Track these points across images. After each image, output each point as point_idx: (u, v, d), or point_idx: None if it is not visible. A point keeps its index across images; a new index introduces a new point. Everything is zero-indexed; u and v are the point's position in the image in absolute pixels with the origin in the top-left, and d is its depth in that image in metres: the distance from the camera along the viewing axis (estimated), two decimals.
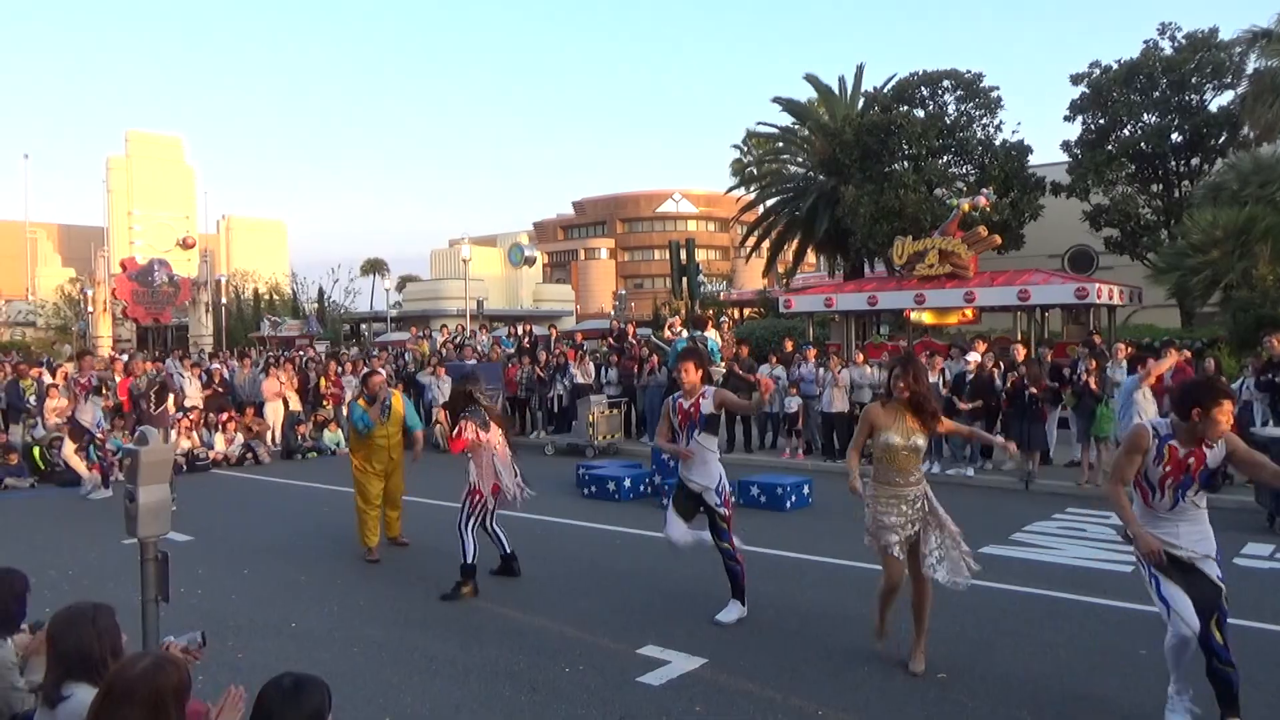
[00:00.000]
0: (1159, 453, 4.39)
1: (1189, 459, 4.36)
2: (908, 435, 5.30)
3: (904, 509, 5.33)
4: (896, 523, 5.31)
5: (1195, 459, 4.35)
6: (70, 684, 2.98)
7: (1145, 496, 4.48)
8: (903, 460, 5.31)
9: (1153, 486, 4.44)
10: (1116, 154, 24.05)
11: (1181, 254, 18.59)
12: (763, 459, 14.35)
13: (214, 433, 15.42)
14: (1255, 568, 7.89)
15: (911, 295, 19.71)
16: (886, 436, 5.30)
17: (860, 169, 26.29)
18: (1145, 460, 4.43)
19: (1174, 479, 4.37)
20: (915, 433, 5.32)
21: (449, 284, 52.89)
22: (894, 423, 5.32)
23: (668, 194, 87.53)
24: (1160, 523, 4.45)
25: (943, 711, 4.84)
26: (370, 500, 8.62)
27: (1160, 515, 4.45)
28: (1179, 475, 4.37)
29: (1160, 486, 4.41)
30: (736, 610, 6.35)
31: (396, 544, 8.83)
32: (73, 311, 44.85)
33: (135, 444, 3.96)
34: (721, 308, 35.09)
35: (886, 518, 5.32)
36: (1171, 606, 4.35)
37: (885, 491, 5.35)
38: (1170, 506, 4.42)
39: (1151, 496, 4.46)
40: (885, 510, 5.33)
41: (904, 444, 5.29)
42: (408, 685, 5.31)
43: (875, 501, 5.39)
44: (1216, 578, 4.40)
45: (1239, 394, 11.75)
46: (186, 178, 65.55)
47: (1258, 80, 21.40)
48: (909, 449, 5.31)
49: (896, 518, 5.32)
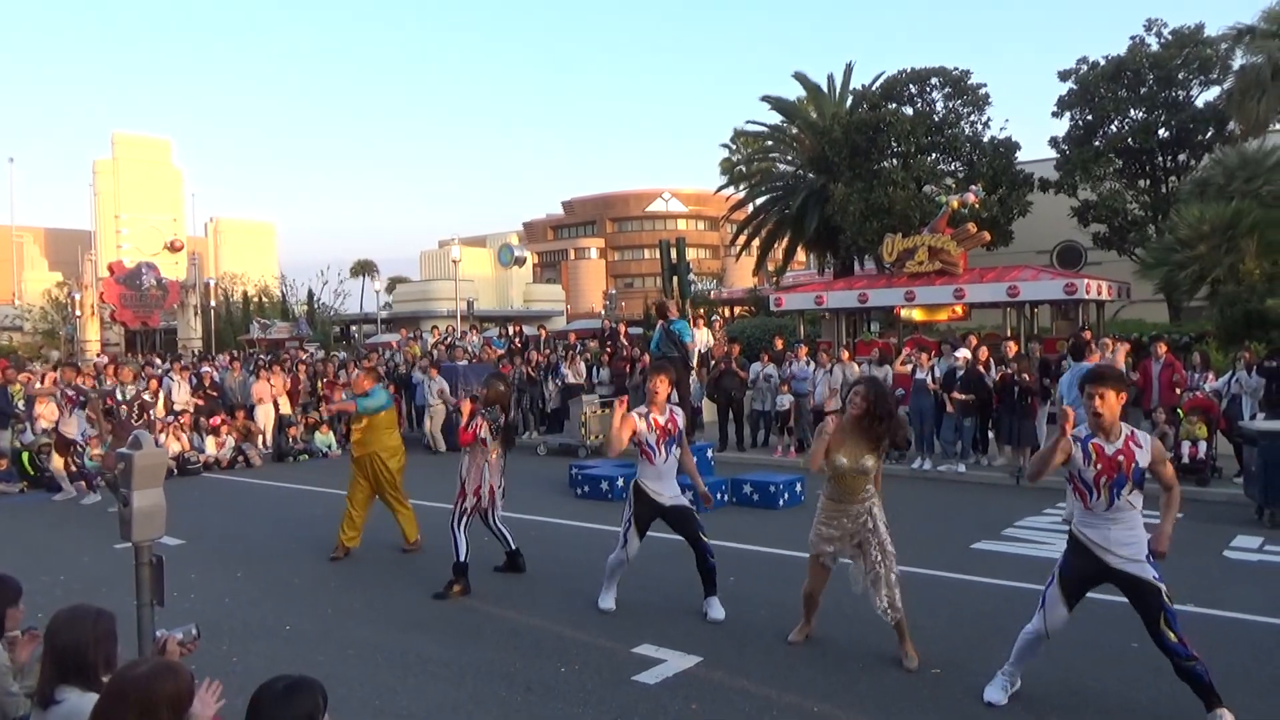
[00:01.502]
0: (1085, 453, 4.48)
1: (1118, 456, 4.43)
2: (856, 458, 5.33)
3: (845, 523, 5.45)
4: (834, 534, 5.48)
5: (1125, 457, 4.42)
6: (64, 688, 2.97)
7: (1084, 499, 4.57)
8: (850, 481, 5.40)
9: (1089, 487, 4.50)
10: (1104, 150, 24.19)
11: (1169, 249, 18.72)
12: (755, 457, 14.37)
13: (205, 436, 15.36)
14: (1244, 560, 7.95)
15: (901, 292, 19.79)
16: (836, 458, 5.37)
17: (849, 167, 26.36)
18: (1074, 464, 4.52)
19: (1108, 477, 4.43)
20: (864, 454, 5.35)
21: (439, 285, 52.83)
22: (844, 443, 5.37)
23: (657, 193, 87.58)
24: (1097, 526, 4.52)
25: (937, 707, 4.86)
26: (350, 500, 8.66)
27: (1098, 516, 4.51)
28: (1112, 473, 4.43)
29: (1095, 486, 4.47)
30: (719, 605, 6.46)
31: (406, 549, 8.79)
32: (60, 316, 44.62)
33: (129, 448, 3.94)
34: (712, 306, 35.14)
35: (825, 529, 5.51)
36: (1046, 606, 4.65)
37: (830, 506, 5.51)
38: (1107, 506, 4.46)
39: (1090, 498, 4.52)
40: (826, 522, 5.51)
41: (851, 466, 5.35)
42: (403, 687, 5.30)
43: (821, 511, 5.56)
44: (1153, 578, 4.45)
45: (1227, 388, 11.84)
46: (174, 180, 65.31)
47: (1243, 76, 21.55)
48: (856, 470, 5.36)
49: (835, 530, 5.48)
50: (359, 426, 8.70)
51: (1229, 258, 17.32)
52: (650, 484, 6.41)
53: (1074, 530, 4.65)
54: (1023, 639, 4.79)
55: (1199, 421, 11.37)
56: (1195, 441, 11.18)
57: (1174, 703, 4.77)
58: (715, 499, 10.46)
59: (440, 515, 10.08)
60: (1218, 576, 7.41)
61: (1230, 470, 11.16)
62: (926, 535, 9.04)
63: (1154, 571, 4.46)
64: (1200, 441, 11.18)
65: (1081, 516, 4.62)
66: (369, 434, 8.64)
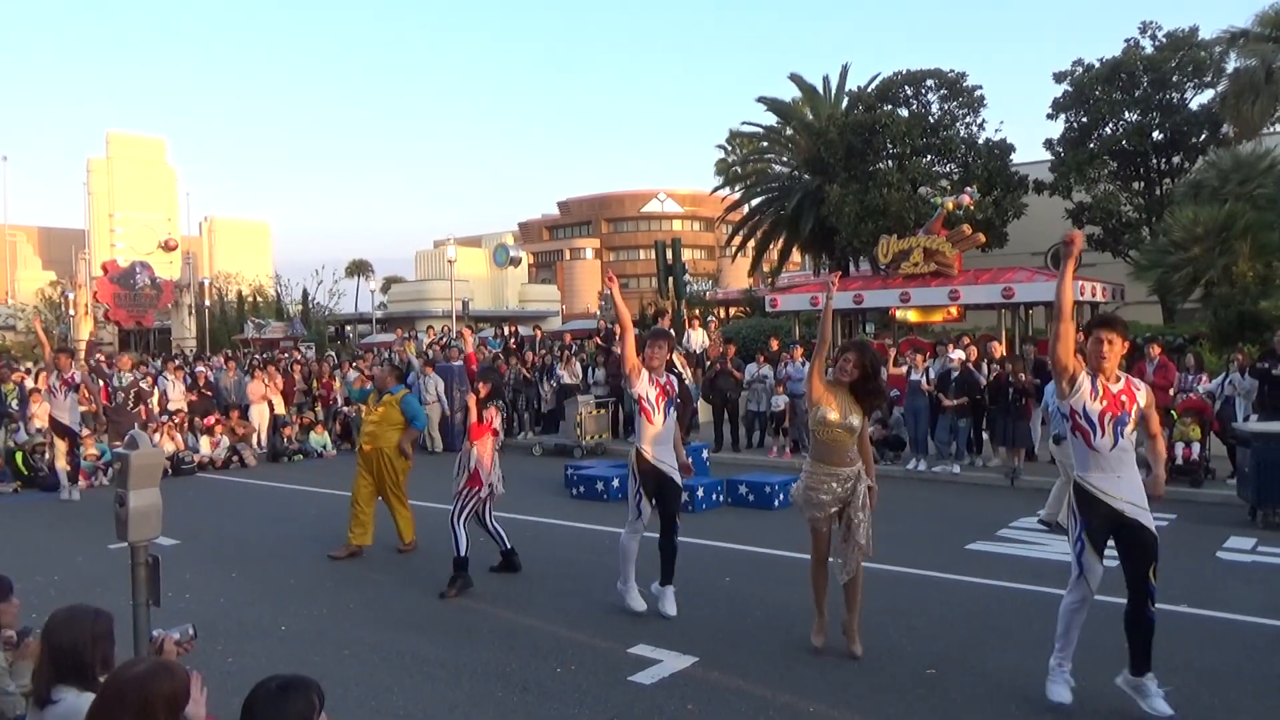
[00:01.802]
0: (1094, 387, 4.58)
1: (1121, 395, 4.57)
2: (844, 413, 5.41)
3: (835, 487, 5.47)
4: (826, 500, 5.47)
5: (1127, 396, 4.58)
6: (61, 688, 2.96)
7: (1088, 438, 4.60)
8: (838, 436, 5.43)
9: (1093, 424, 4.58)
10: (1098, 152, 24.27)
11: (1163, 251, 18.78)
12: (750, 458, 14.38)
13: (199, 436, 15.33)
14: (1238, 561, 7.97)
15: (897, 294, 19.82)
16: (823, 411, 5.42)
17: (845, 168, 26.41)
18: (1081, 395, 4.58)
19: (1113, 414, 4.55)
20: (852, 412, 5.43)
21: (434, 285, 52.78)
22: (833, 399, 5.43)
23: (653, 194, 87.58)
24: (1105, 472, 4.59)
25: (931, 707, 4.87)
26: (355, 497, 8.66)
27: (1105, 458, 4.57)
28: (1116, 410, 4.55)
29: (1100, 422, 4.56)
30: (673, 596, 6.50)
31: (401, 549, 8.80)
32: (53, 315, 44.47)
33: (125, 447, 3.94)
34: (708, 307, 35.15)
35: (816, 494, 5.48)
36: (1085, 570, 4.65)
37: (820, 469, 5.50)
38: (1112, 445, 4.55)
39: (1094, 436, 4.57)
40: (816, 487, 5.49)
41: (840, 421, 5.40)
42: (400, 687, 5.30)
43: (809, 476, 5.54)
44: (1155, 527, 4.59)
45: (1221, 390, 11.88)
46: (168, 179, 65.10)
47: (1237, 79, 21.65)
48: (844, 427, 5.41)
49: (826, 495, 5.47)
50: (372, 420, 8.68)
51: (1223, 260, 17.38)
52: (650, 449, 6.38)
53: (1082, 484, 4.64)
54: (1067, 614, 4.73)
55: (1193, 423, 11.42)
56: (1189, 443, 11.22)
57: (1176, 705, 4.78)
58: (711, 499, 10.57)
59: (437, 516, 10.09)
60: (1211, 577, 7.43)
61: (1224, 472, 11.20)
62: (921, 536, 9.06)
63: (1154, 521, 4.62)
64: (1194, 443, 11.23)
65: (1086, 467, 4.64)
66: (382, 430, 8.62)
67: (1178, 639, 5.77)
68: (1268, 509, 9.19)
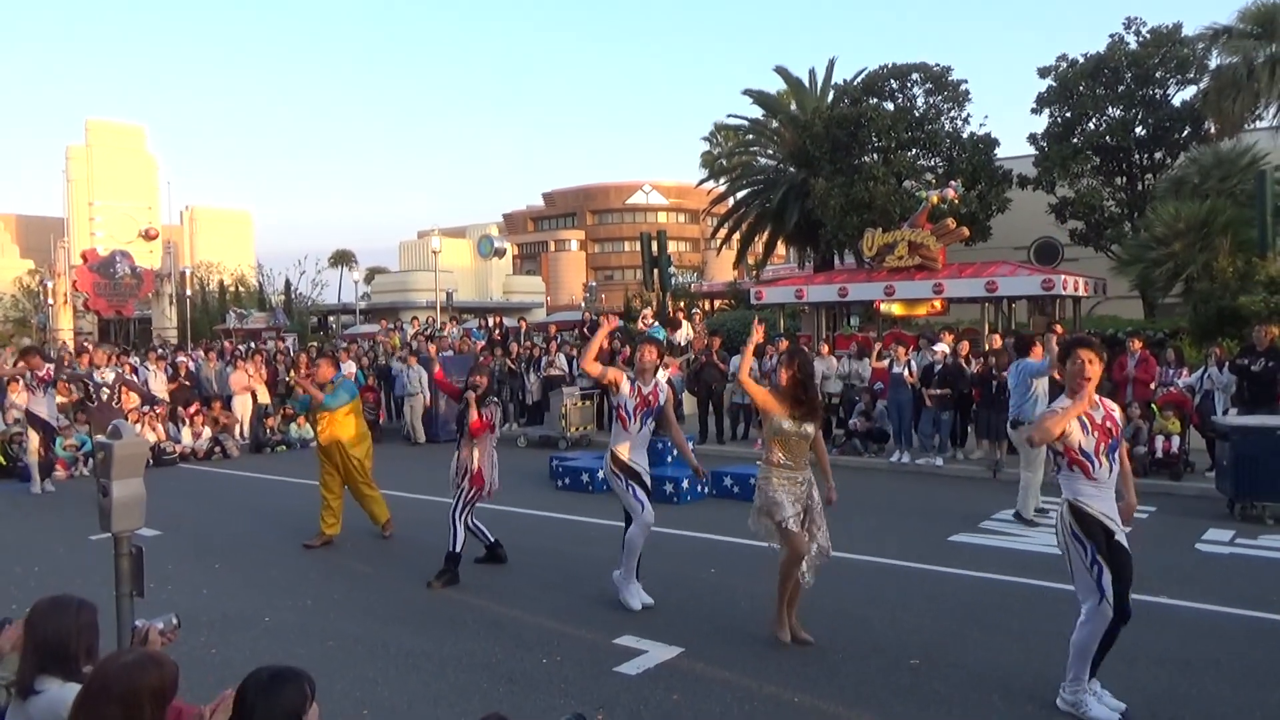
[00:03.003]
0: (1082, 424, 4.51)
1: (1106, 422, 4.57)
2: (798, 423, 5.60)
3: (794, 490, 5.61)
4: (788, 500, 5.58)
5: (1111, 422, 4.58)
6: (44, 678, 2.94)
7: (1087, 471, 4.52)
8: (794, 445, 5.63)
9: (1090, 458, 4.51)
10: (1082, 147, 24.40)
11: (1145, 246, 18.92)
12: (735, 450, 14.41)
13: (181, 426, 15.22)
14: (1216, 553, 8.07)
15: (881, 287, 19.90)
16: (780, 421, 5.60)
17: (830, 161, 26.44)
18: (1074, 437, 4.50)
19: (1104, 443, 4.54)
20: (804, 421, 5.61)
21: (418, 276, 52.44)
22: (785, 410, 5.61)
23: (637, 186, 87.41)
24: (1103, 498, 4.54)
25: (916, 698, 4.91)
26: (324, 489, 8.76)
27: (1102, 486, 4.53)
28: (1106, 439, 4.55)
29: (1096, 455, 4.51)
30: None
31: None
32: (32, 304, 44.00)
33: (109, 437, 3.91)
34: (692, 300, 35.19)
35: (779, 495, 5.58)
36: (1106, 595, 4.47)
37: (778, 474, 5.63)
38: (1109, 472, 4.55)
39: (1093, 468, 4.51)
40: (777, 489, 5.60)
41: (795, 430, 5.60)
42: (384, 679, 5.29)
43: (767, 483, 5.65)
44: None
45: (1200, 384, 12.00)
46: (148, 167, 64.29)
47: (1219, 76, 21.81)
48: (799, 435, 5.61)
49: (787, 495, 5.59)
50: (321, 416, 8.76)
51: (1203, 255, 17.52)
52: (626, 451, 6.46)
53: (1082, 508, 4.52)
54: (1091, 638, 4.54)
55: (1172, 416, 11.53)
56: (1168, 436, 11.33)
57: (1154, 696, 4.84)
58: (695, 491, 10.59)
59: (422, 507, 10.07)
60: (1189, 569, 7.52)
61: (1202, 465, 11.32)
62: (904, 528, 9.12)
63: None
64: (1173, 436, 11.33)
65: (1084, 492, 4.54)
66: (330, 422, 8.70)
67: (1157, 630, 5.83)
68: (1246, 502, 9.29)
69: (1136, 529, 8.88)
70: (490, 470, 7.43)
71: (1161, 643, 5.63)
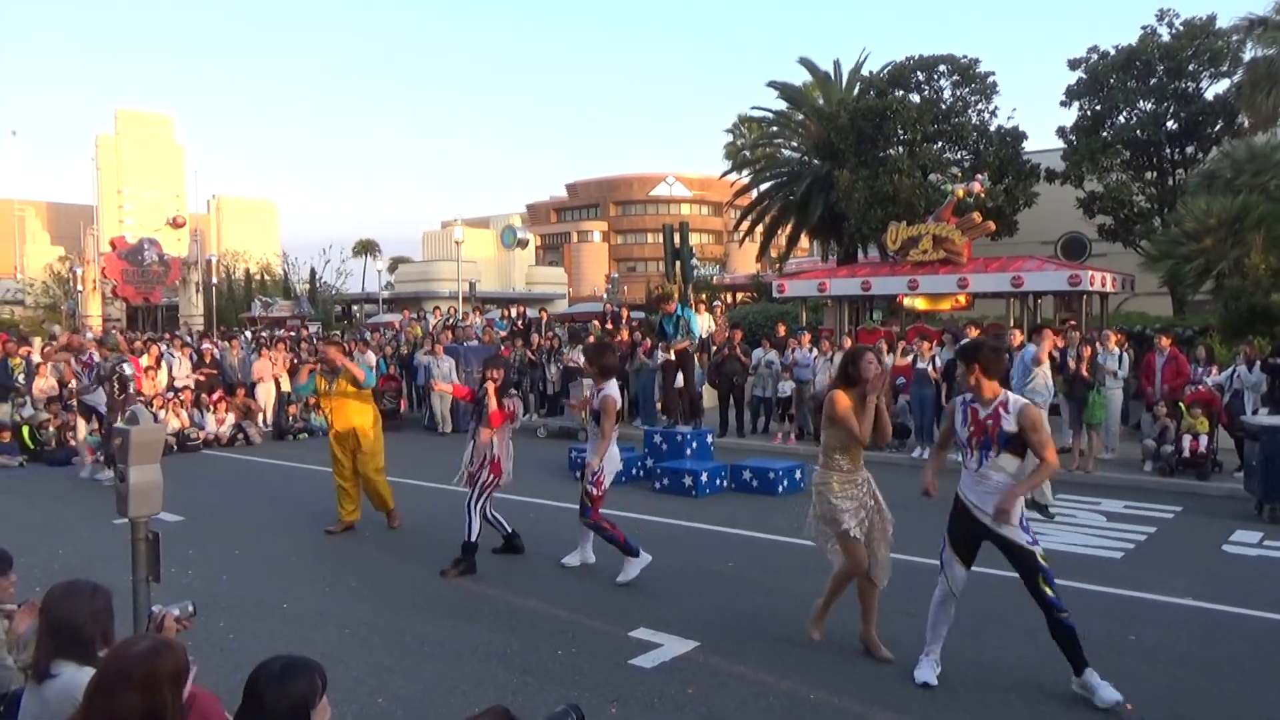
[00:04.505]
0: (963, 415, 4.95)
1: (987, 420, 4.82)
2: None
3: (854, 492, 5.36)
4: (850, 506, 5.31)
5: (992, 421, 4.81)
6: (60, 662, 2.96)
7: (964, 458, 4.96)
8: (856, 449, 5.35)
9: (964, 446, 4.93)
10: (1112, 141, 24.02)
11: (1175, 242, 18.61)
12: (755, 443, 14.36)
13: (205, 413, 15.36)
14: (1243, 554, 7.93)
15: (905, 281, 19.70)
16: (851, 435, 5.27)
17: (855, 154, 26.21)
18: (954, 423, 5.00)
19: (977, 438, 4.85)
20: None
21: (441, 266, 52.62)
22: (860, 412, 5.29)
23: (661, 177, 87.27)
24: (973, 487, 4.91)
25: (933, 696, 4.86)
26: (338, 476, 8.75)
27: (972, 476, 4.91)
28: (980, 435, 4.84)
29: (969, 445, 4.90)
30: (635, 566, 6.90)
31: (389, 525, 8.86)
32: (61, 290, 44.57)
33: (126, 423, 3.93)
34: (715, 292, 35.05)
35: (841, 502, 5.30)
36: (945, 566, 5.06)
37: (839, 478, 5.33)
38: (977, 466, 4.86)
39: (966, 457, 4.94)
40: (839, 496, 5.31)
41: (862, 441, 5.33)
42: (400, 667, 5.31)
43: (827, 488, 5.34)
44: (1025, 542, 4.80)
45: (1229, 382, 11.81)
46: (176, 156, 64.95)
47: (1254, 69, 21.38)
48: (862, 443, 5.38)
49: (849, 502, 5.32)
50: (333, 401, 8.71)
51: (1235, 252, 17.21)
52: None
53: (957, 492, 5.00)
54: (933, 607, 5.05)
55: (1200, 415, 11.35)
56: (1196, 435, 11.15)
57: (1179, 698, 4.76)
58: (715, 484, 10.55)
59: (443, 496, 10.10)
60: (1215, 570, 7.40)
61: (1230, 465, 11.15)
62: (924, 524, 8.99)
63: (1026, 536, 4.79)
64: (1201, 435, 11.15)
65: (963, 478, 4.98)
66: (348, 406, 8.65)
67: (1180, 631, 5.74)
68: (1275, 503, 9.13)
69: (1162, 529, 8.80)
70: (505, 460, 7.44)
71: (1185, 644, 5.54)
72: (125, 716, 2.45)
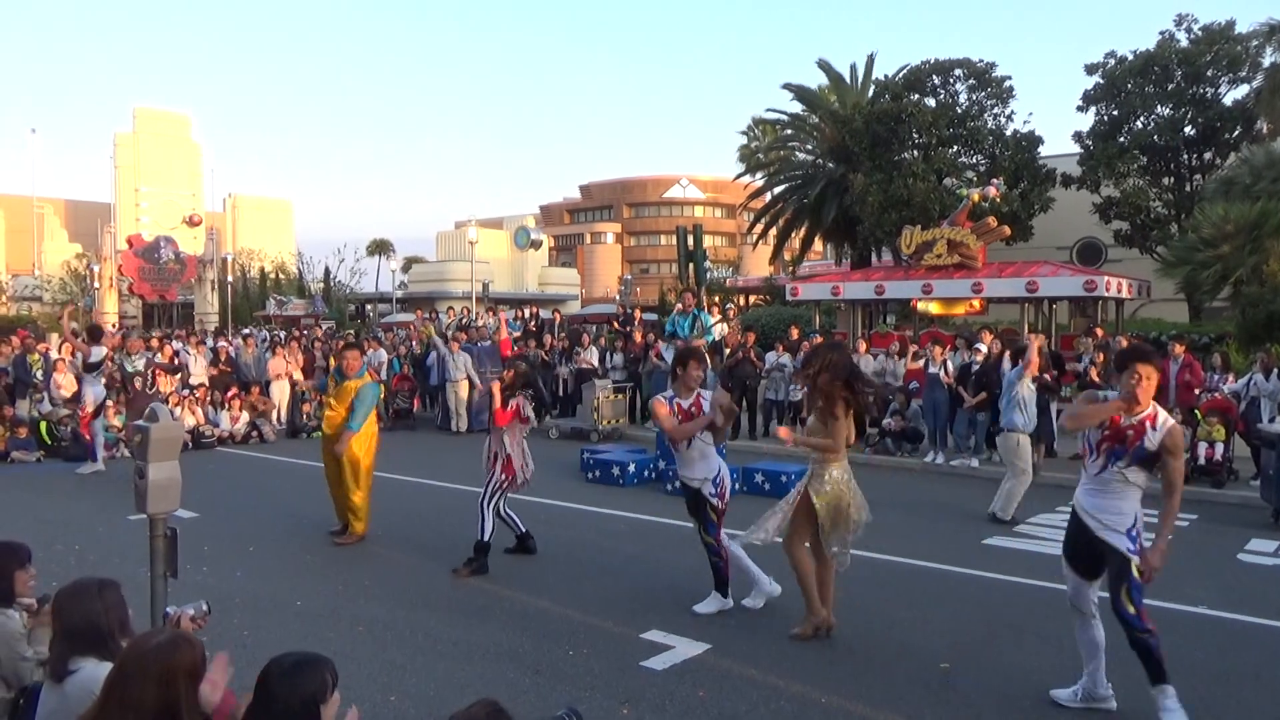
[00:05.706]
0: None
1: (1128, 430, 4.50)
2: None
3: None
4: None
5: (1134, 432, 4.49)
6: (78, 658, 2.99)
7: (1085, 459, 4.72)
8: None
9: (1091, 448, 4.64)
10: (1128, 146, 23.91)
11: (1192, 248, 18.49)
12: (768, 446, 14.34)
13: (220, 411, 15.46)
14: (1259, 564, 7.88)
15: (919, 285, 19.63)
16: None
17: (869, 157, 26.16)
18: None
19: (1110, 444, 4.54)
20: None
21: (455, 266, 52.77)
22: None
23: (675, 179, 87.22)
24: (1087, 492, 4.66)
25: (945, 700, 4.85)
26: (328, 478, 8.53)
27: (1090, 481, 4.65)
28: (1114, 443, 4.52)
29: (1096, 448, 4.60)
30: (716, 603, 6.30)
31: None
32: (79, 287, 44.91)
33: (146, 420, 3.97)
34: (728, 294, 35.04)
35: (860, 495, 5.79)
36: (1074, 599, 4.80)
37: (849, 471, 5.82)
38: (1099, 470, 4.58)
39: (1089, 458, 4.67)
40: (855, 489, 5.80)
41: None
42: (412, 665, 5.33)
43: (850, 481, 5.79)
44: (1126, 549, 4.51)
45: (1246, 390, 11.72)
46: (193, 155, 65.37)
47: (1273, 74, 21.24)
48: None
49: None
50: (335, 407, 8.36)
51: (1253, 258, 17.09)
52: (682, 471, 6.44)
53: (1073, 500, 4.79)
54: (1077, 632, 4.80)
55: (1216, 423, 11.27)
56: (1212, 443, 11.09)
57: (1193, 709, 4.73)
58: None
59: (456, 495, 10.13)
60: (1230, 579, 7.35)
61: (1247, 473, 11.07)
62: (939, 529, 9.02)
63: (1130, 544, 4.50)
64: (1217, 443, 11.09)
65: (1080, 484, 4.74)
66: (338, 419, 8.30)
67: (1195, 641, 5.71)
68: None
69: (1177, 537, 8.73)
70: (520, 460, 7.43)
71: (1200, 653, 5.51)
72: (141, 708, 2.48)
